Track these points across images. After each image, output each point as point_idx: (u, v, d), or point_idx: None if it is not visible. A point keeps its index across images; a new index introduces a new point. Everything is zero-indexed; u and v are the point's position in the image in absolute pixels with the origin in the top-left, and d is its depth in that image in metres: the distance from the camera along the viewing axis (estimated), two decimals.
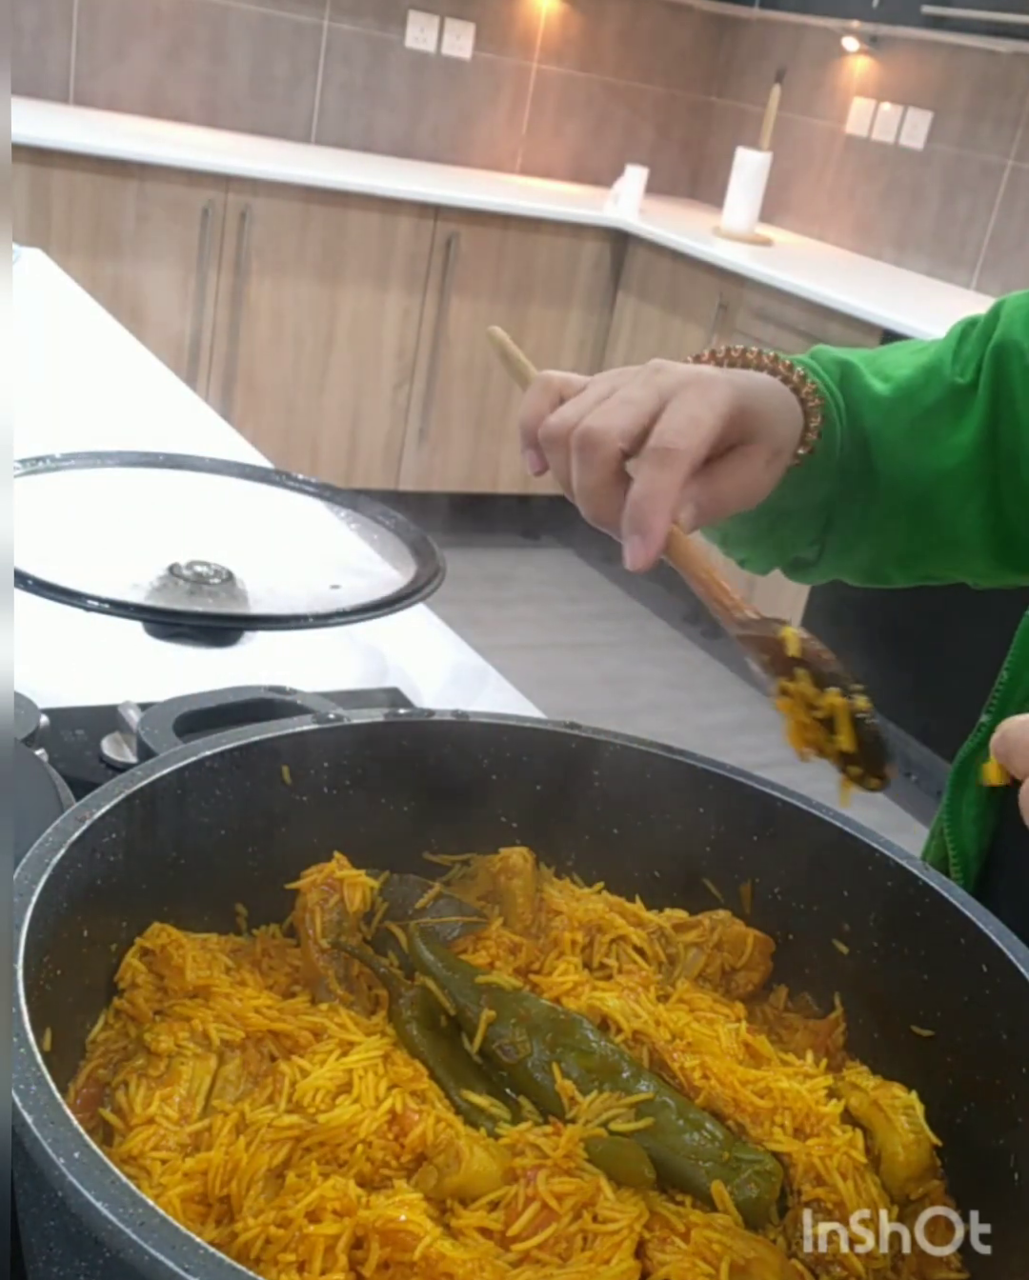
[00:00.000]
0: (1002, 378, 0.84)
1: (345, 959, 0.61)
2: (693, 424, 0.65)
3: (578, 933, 0.64)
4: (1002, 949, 0.56)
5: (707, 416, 0.65)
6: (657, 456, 0.63)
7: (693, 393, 0.66)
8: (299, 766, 0.64)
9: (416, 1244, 0.45)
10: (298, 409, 3.94)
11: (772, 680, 0.59)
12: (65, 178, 3.42)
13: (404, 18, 4.20)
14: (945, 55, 3.92)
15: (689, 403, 0.65)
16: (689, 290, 3.93)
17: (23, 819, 0.59)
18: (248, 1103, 0.53)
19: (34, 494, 1.06)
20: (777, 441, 0.72)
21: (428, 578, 1.04)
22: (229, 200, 3.61)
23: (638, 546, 0.63)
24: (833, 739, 0.57)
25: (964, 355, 0.86)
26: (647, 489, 0.63)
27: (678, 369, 0.69)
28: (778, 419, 0.72)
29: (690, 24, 4.61)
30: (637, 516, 0.63)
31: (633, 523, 0.63)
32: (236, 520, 1.16)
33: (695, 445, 0.64)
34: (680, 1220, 0.50)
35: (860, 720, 0.56)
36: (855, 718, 0.56)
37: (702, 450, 0.65)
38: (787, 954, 0.67)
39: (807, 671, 0.57)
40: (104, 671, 0.97)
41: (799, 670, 0.57)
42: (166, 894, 0.60)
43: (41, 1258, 0.43)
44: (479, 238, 3.94)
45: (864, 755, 0.57)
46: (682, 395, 0.66)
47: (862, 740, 0.56)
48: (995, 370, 0.84)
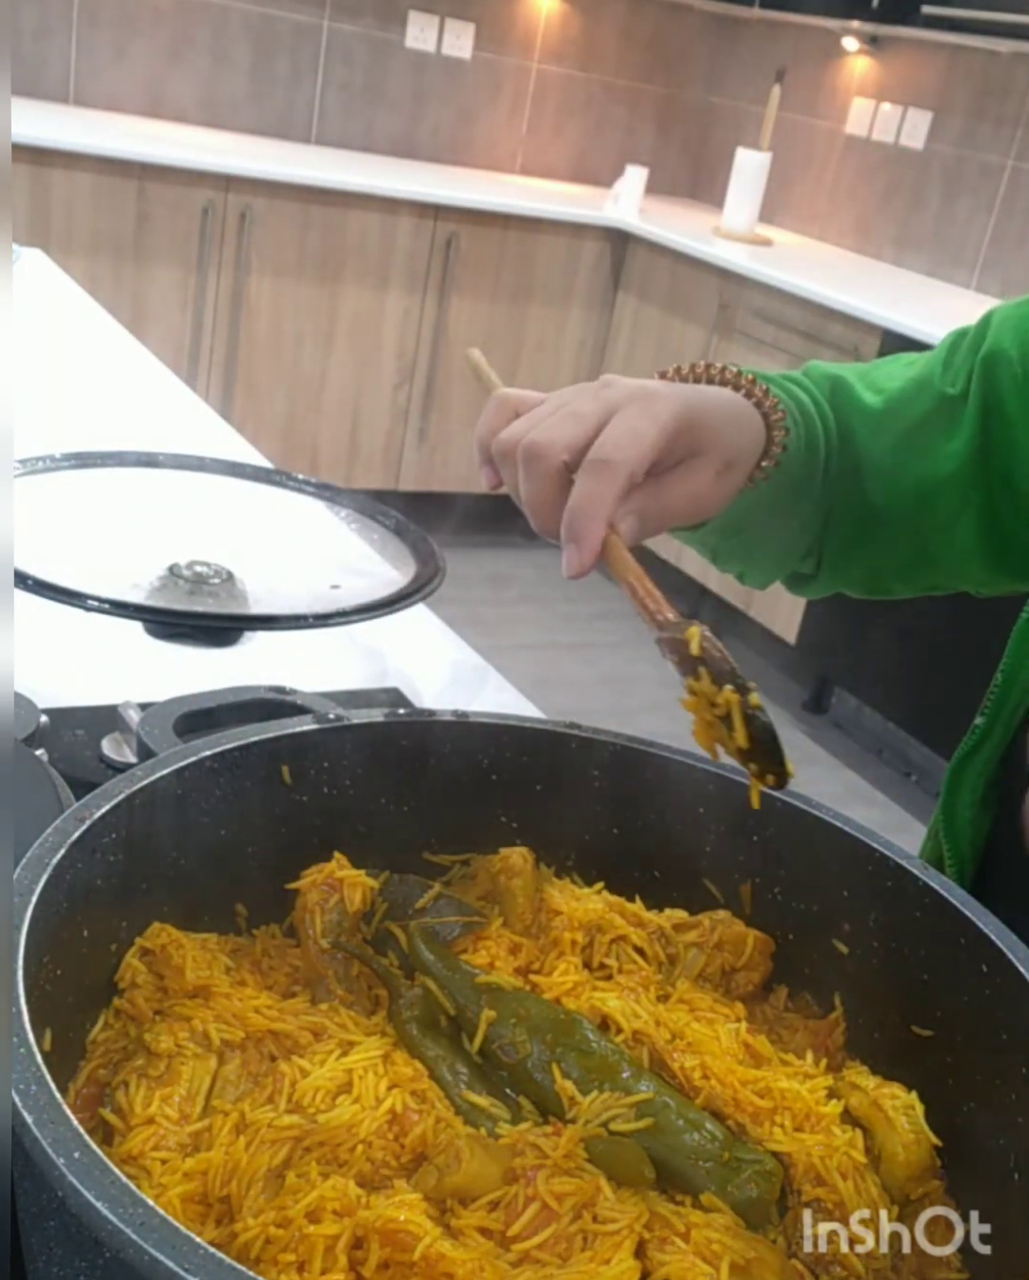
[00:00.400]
0: (991, 387, 0.85)
1: (345, 959, 0.61)
2: (633, 437, 0.66)
3: (578, 933, 0.64)
4: (1002, 949, 0.56)
5: (648, 430, 0.66)
6: (594, 468, 0.65)
7: (637, 407, 0.67)
8: (299, 766, 0.64)
9: (416, 1244, 0.45)
10: (298, 409, 3.94)
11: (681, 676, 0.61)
12: (65, 178, 3.42)
13: (404, 18, 4.20)
14: (945, 55, 3.92)
15: (632, 416, 0.67)
16: (689, 290, 3.93)
17: (23, 819, 0.59)
18: (248, 1103, 0.53)
19: (34, 494, 1.06)
20: (728, 453, 0.72)
21: (428, 578, 1.04)
22: (229, 200, 3.61)
23: (573, 554, 0.65)
24: (732, 736, 0.59)
25: (955, 366, 0.87)
26: (581, 499, 0.64)
27: (626, 384, 0.70)
28: (729, 432, 0.73)
29: (690, 24, 4.61)
30: (572, 525, 0.65)
31: (569, 531, 0.65)
32: (236, 520, 1.16)
33: (633, 458, 0.65)
34: (680, 1220, 0.50)
35: (752, 717, 0.58)
36: (747, 714, 0.58)
37: (641, 463, 0.66)
38: (787, 954, 0.67)
39: (707, 671, 0.59)
40: (104, 671, 0.97)
41: (702, 669, 0.59)
42: (166, 894, 0.60)
43: (41, 1258, 0.43)
44: (479, 238, 3.94)
45: (757, 751, 0.58)
46: (626, 409, 0.67)
47: (753, 736, 0.58)
48: (985, 379, 0.85)
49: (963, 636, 2.13)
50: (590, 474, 0.64)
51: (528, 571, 4.23)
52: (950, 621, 2.66)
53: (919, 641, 2.94)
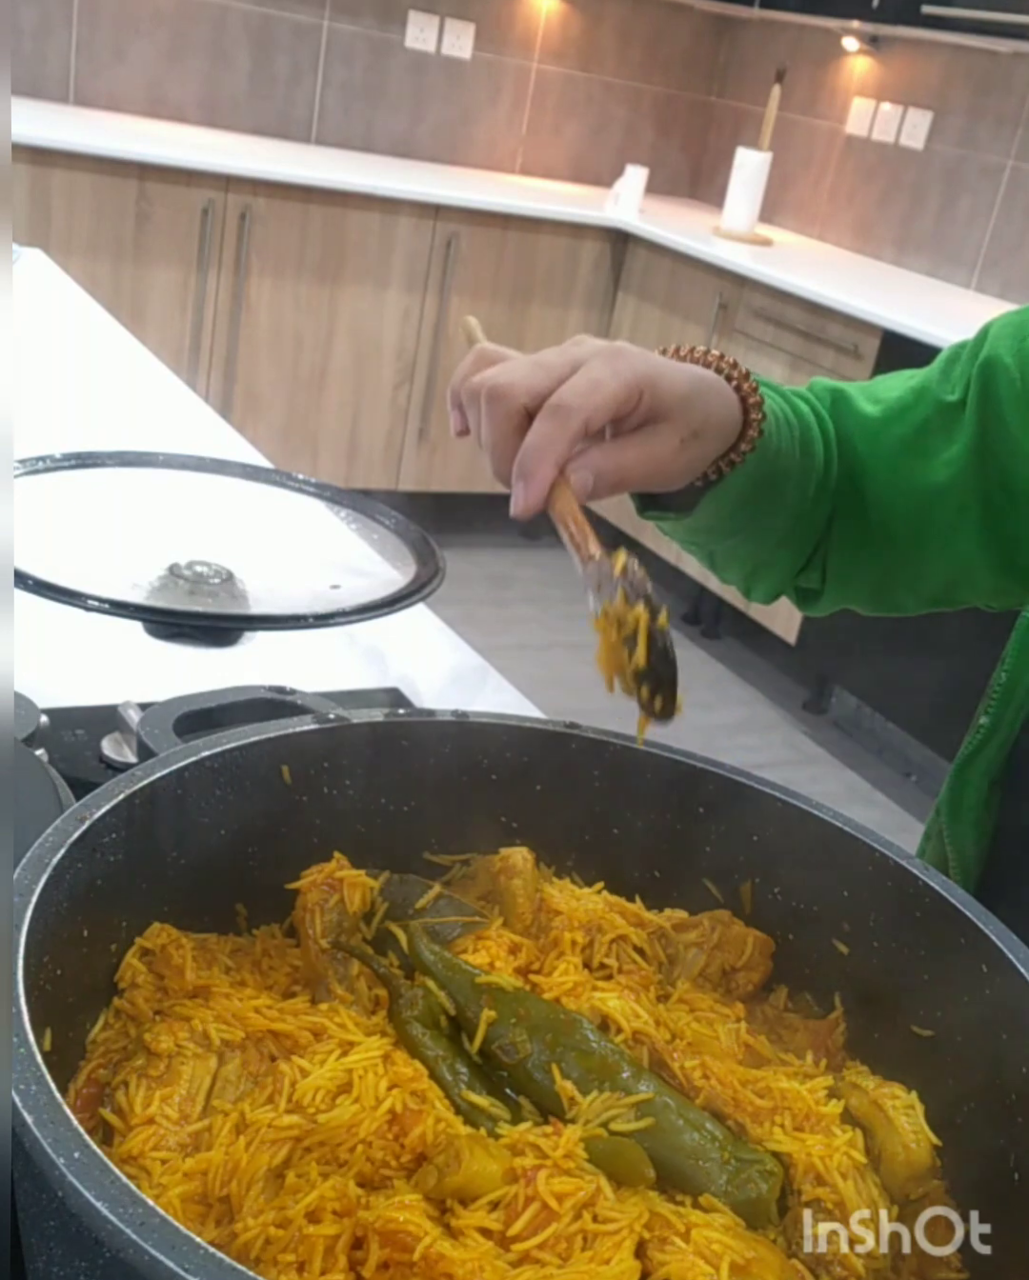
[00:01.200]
0: (990, 394, 0.85)
1: (345, 959, 0.61)
2: (592, 386, 0.67)
3: (578, 933, 0.64)
4: (1002, 949, 0.56)
5: (609, 382, 0.67)
6: (550, 411, 0.66)
7: (601, 360, 0.69)
8: (299, 766, 0.64)
9: (416, 1244, 0.45)
10: (298, 409, 3.94)
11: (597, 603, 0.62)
12: (65, 178, 3.42)
13: (404, 18, 4.20)
14: (945, 55, 3.92)
15: (595, 368, 0.68)
16: (689, 290, 3.93)
17: (23, 819, 0.59)
18: (248, 1103, 0.52)
19: (34, 494, 1.06)
20: (694, 423, 0.73)
21: (428, 578, 1.04)
22: (229, 200, 3.61)
23: (520, 492, 0.66)
24: (632, 657, 0.60)
25: (954, 376, 0.88)
26: (535, 438, 0.66)
27: (596, 342, 0.71)
28: (697, 402, 0.73)
29: (690, 24, 4.61)
30: (523, 464, 0.66)
31: (520, 469, 0.66)
32: (236, 520, 1.16)
33: (590, 405, 0.67)
34: (680, 1220, 0.50)
35: (655, 638, 0.60)
36: (652, 633, 0.60)
37: (597, 411, 0.67)
38: (787, 954, 0.67)
39: (622, 592, 0.61)
40: (104, 671, 0.97)
41: (619, 589, 0.61)
42: (166, 894, 0.60)
43: (41, 1258, 0.43)
44: (479, 238, 3.94)
45: (653, 674, 0.60)
46: (591, 362, 0.69)
47: (652, 657, 0.60)
48: (983, 386, 0.86)
49: (963, 636, 2.13)
50: (546, 417, 0.66)
51: (528, 571, 4.23)
52: (950, 621, 2.66)
53: (919, 641, 2.94)
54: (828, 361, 3.44)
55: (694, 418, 0.73)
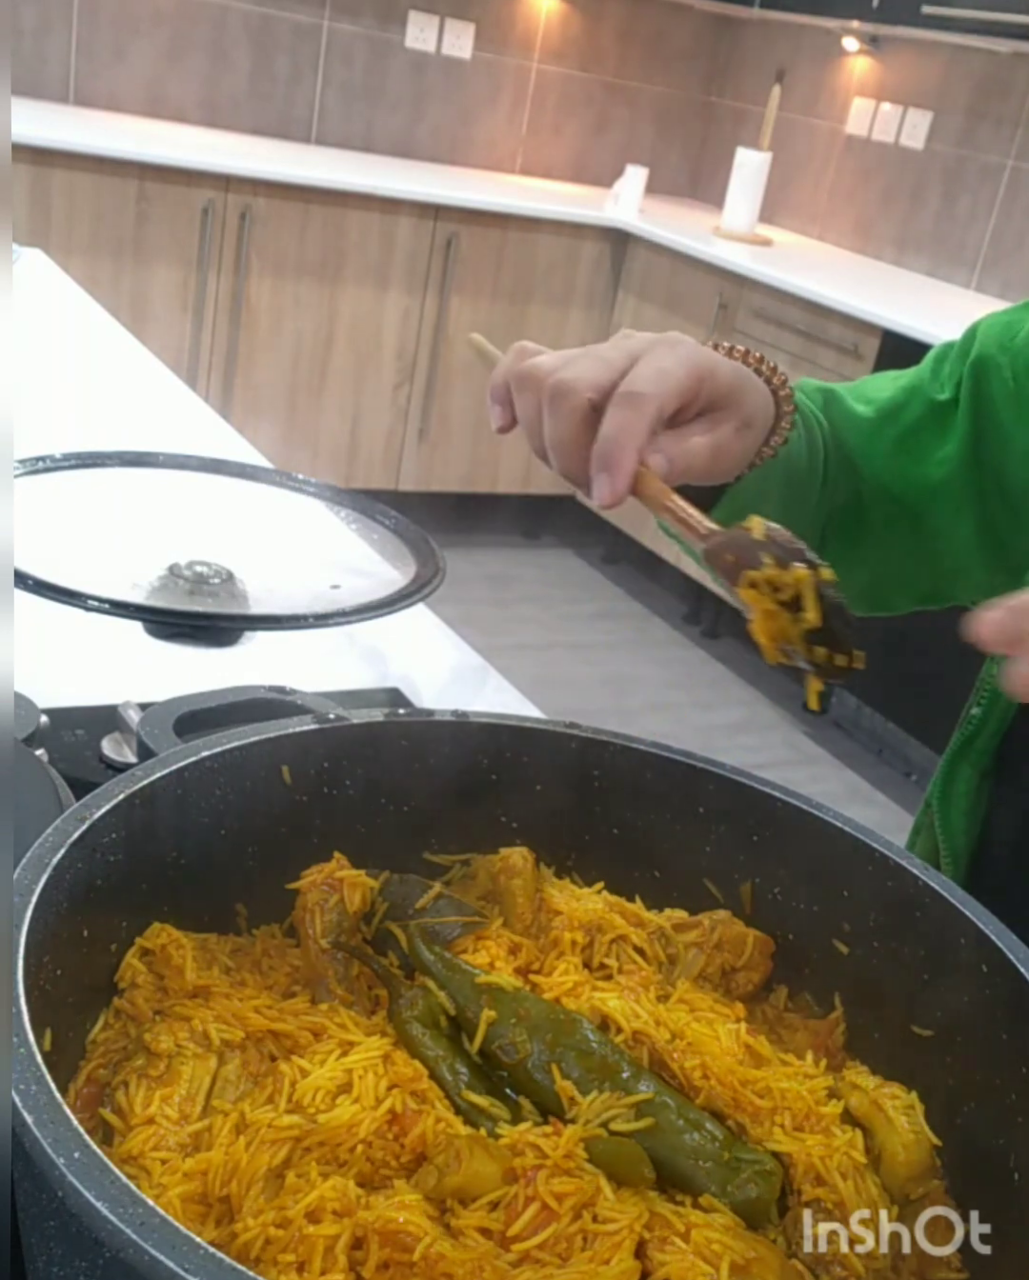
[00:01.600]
0: (982, 391, 0.86)
1: (345, 959, 0.61)
2: (661, 374, 0.67)
3: (578, 933, 0.64)
4: (1002, 949, 0.56)
5: (675, 369, 0.67)
6: (624, 399, 0.66)
7: (662, 349, 0.69)
8: (299, 766, 0.64)
9: (416, 1244, 0.45)
10: (298, 409, 3.94)
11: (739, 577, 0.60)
12: (65, 178, 3.42)
13: (404, 18, 4.20)
14: (945, 55, 3.92)
15: (659, 356, 0.68)
16: (689, 290, 3.93)
17: (23, 819, 0.59)
18: (248, 1103, 0.52)
19: (34, 494, 1.06)
20: (745, 412, 0.73)
21: (428, 578, 1.04)
22: (229, 200, 3.61)
23: (605, 483, 0.65)
24: (799, 618, 0.57)
25: (943, 375, 0.89)
26: (613, 427, 0.65)
27: (646, 335, 0.71)
28: (746, 391, 0.73)
29: (690, 24, 4.61)
30: (604, 453, 0.65)
31: (600, 460, 0.65)
32: (236, 520, 1.16)
33: (663, 391, 0.66)
34: (680, 1220, 0.50)
35: (825, 591, 0.57)
36: (820, 589, 0.57)
37: (669, 397, 0.67)
38: (787, 954, 0.67)
39: (772, 556, 0.58)
40: (104, 671, 0.97)
41: (766, 555, 0.58)
42: (166, 894, 0.60)
43: (41, 1258, 0.43)
44: (479, 238, 3.94)
45: (829, 631, 0.57)
46: (651, 352, 0.68)
47: (826, 612, 0.57)
48: (975, 384, 0.86)
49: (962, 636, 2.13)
50: (621, 405, 0.65)
51: (528, 571, 4.24)
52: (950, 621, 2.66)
53: (919, 641, 2.94)
54: (828, 361, 3.45)
55: (746, 407, 0.73)
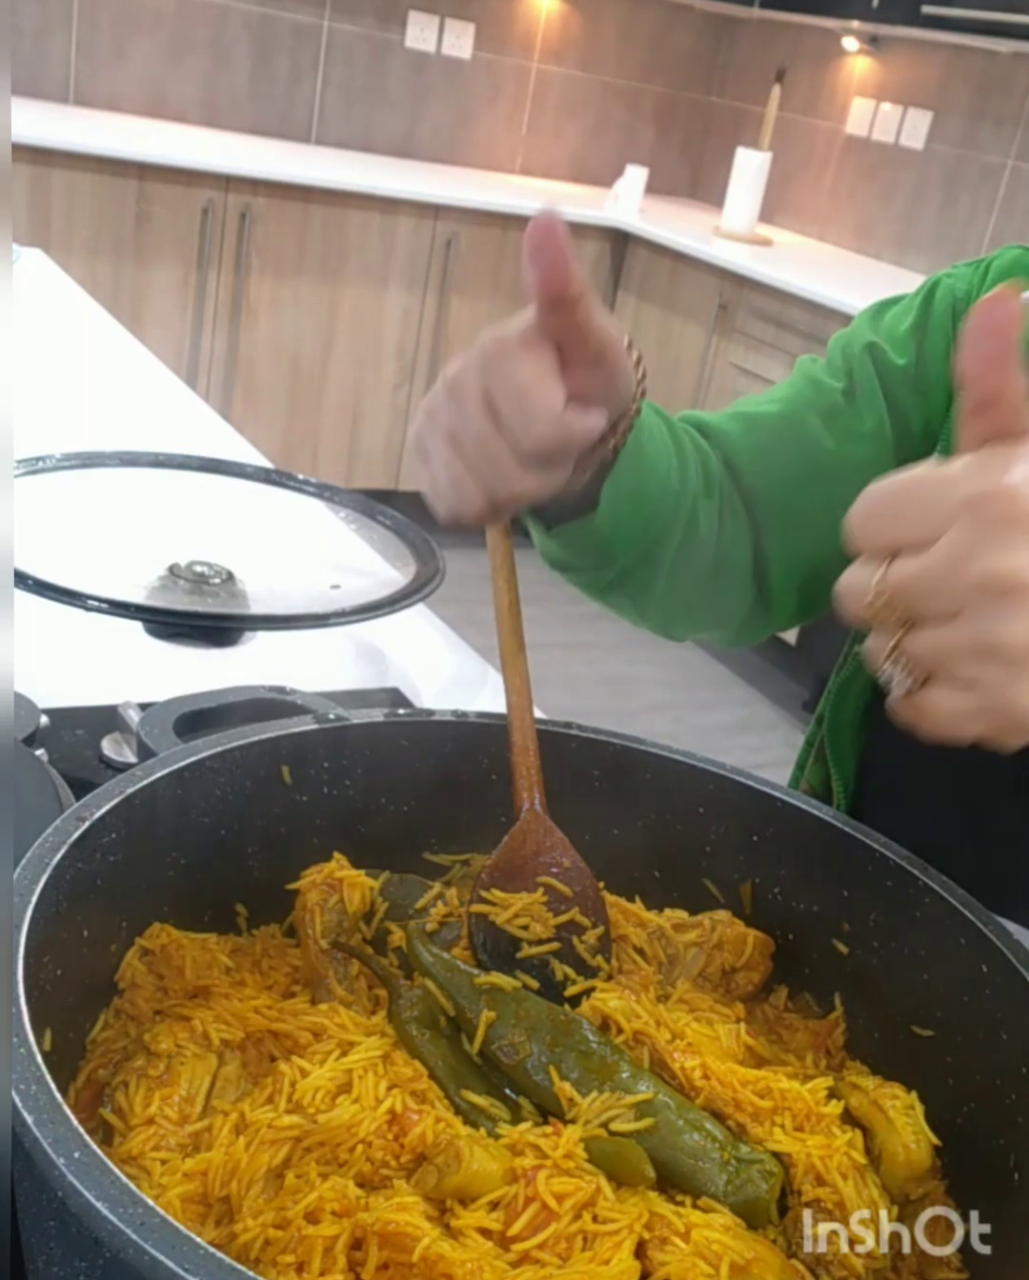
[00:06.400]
0: (883, 370, 0.88)
1: (345, 959, 0.61)
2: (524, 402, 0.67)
3: None
4: (1002, 949, 0.56)
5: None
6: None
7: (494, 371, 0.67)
8: (299, 766, 0.64)
9: (416, 1245, 0.45)
10: (298, 409, 3.94)
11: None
12: (65, 178, 3.42)
13: (404, 18, 4.19)
14: (945, 55, 3.92)
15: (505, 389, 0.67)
16: (689, 290, 3.93)
17: (23, 819, 0.59)
18: (248, 1103, 0.52)
19: (34, 494, 1.06)
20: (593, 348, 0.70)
21: (428, 578, 1.04)
22: (229, 200, 3.61)
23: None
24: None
25: (835, 366, 0.90)
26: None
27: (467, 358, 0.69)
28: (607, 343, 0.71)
29: (690, 24, 4.61)
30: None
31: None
32: (236, 520, 1.17)
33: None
34: (680, 1220, 0.50)
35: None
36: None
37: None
38: (787, 954, 0.67)
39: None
40: (104, 671, 0.97)
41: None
42: (166, 894, 0.60)
43: (41, 1258, 0.43)
44: (479, 238, 3.94)
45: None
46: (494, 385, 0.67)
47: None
48: (873, 365, 0.88)
49: None
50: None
51: (528, 571, 4.22)
52: None
53: None
54: None
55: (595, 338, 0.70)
